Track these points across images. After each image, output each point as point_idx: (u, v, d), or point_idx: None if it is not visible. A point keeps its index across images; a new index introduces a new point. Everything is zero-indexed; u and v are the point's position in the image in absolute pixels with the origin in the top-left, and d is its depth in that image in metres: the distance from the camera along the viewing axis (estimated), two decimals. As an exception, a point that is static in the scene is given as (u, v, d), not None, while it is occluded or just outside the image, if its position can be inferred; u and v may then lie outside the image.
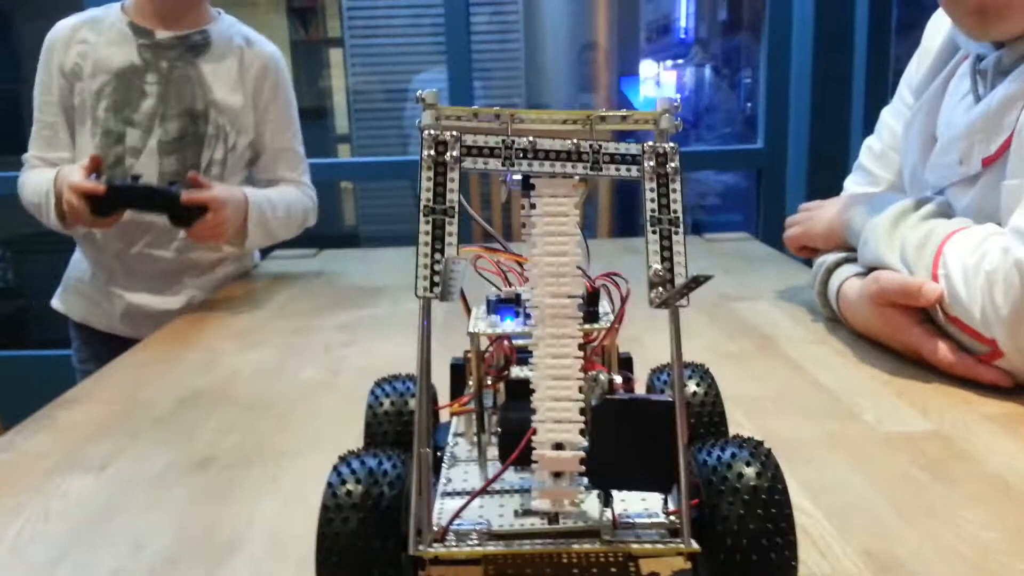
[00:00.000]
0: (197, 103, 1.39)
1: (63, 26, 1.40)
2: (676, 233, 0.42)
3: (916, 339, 0.83)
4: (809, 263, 1.10)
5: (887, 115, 1.13)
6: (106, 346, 1.43)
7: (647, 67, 5.23)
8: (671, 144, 0.43)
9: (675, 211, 0.42)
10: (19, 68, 3.07)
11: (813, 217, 1.06)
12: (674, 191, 0.42)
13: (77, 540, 0.57)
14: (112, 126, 1.36)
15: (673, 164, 0.42)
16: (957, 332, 0.79)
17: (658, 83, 5.48)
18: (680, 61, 5.70)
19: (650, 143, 0.43)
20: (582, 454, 0.41)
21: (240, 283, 1.43)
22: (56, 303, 1.51)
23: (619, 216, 3.58)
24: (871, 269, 0.89)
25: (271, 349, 1.01)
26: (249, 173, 1.49)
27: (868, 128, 1.18)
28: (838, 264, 0.97)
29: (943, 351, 0.80)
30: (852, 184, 1.14)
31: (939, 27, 1.05)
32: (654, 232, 0.42)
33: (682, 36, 5.58)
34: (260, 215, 1.36)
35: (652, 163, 0.42)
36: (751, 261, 1.40)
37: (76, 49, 1.37)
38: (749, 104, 4.67)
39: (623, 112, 0.44)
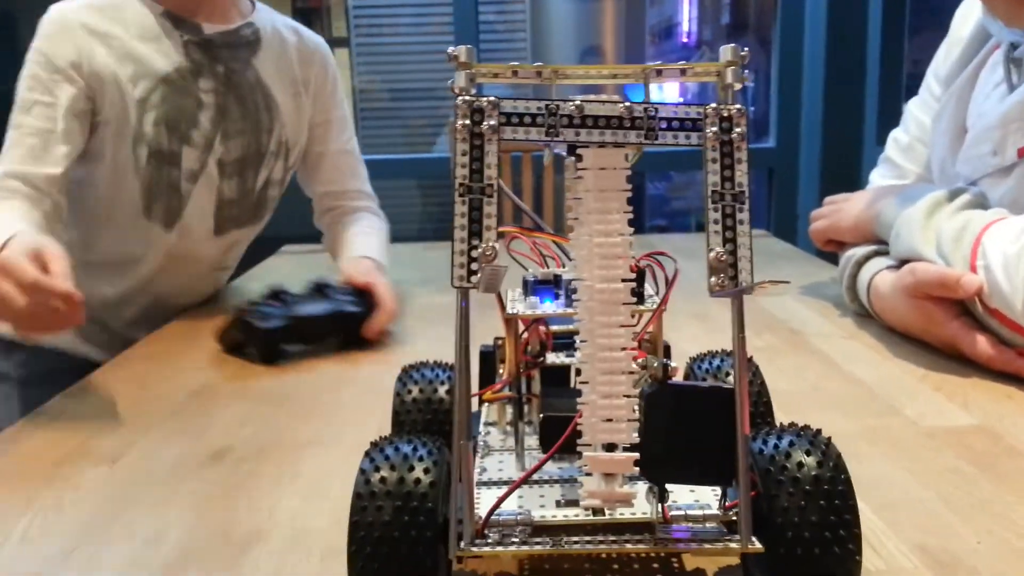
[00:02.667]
0: (262, 114, 1.13)
1: (70, 12, 1.03)
2: (741, 211, 0.38)
3: (954, 332, 0.80)
4: (832, 257, 1.08)
5: (913, 107, 1.10)
6: (56, 361, 1.14)
7: (652, 69, 5.21)
8: (737, 106, 0.38)
9: (740, 184, 0.38)
10: None
11: (840, 210, 1.03)
12: (739, 161, 0.38)
13: (90, 532, 0.55)
14: (165, 144, 1.07)
15: (739, 130, 0.38)
16: (997, 325, 0.76)
17: (660, 87, 5.46)
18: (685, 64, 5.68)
19: (712, 105, 0.38)
20: (635, 455, 0.38)
21: (252, 275, 1.41)
22: None
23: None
24: (903, 262, 0.87)
25: (284, 342, 0.99)
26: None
27: (882, 125, 1.16)
28: (868, 257, 0.95)
29: (982, 345, 0.77)
30: (878, 177, 1.12)
31: (968, 15, 1.03)
32: (715, 209, 0.38)
33: (685, 39, 5.57)
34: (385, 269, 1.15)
35: (715, 129, 0.38)
36: (771, 257, 1.37)
37: (99, 46, 1.03)
38: (753, 108, 4.65)
39: (682, 64, 0.40)
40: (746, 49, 0.38)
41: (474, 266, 0.38)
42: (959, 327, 0.80)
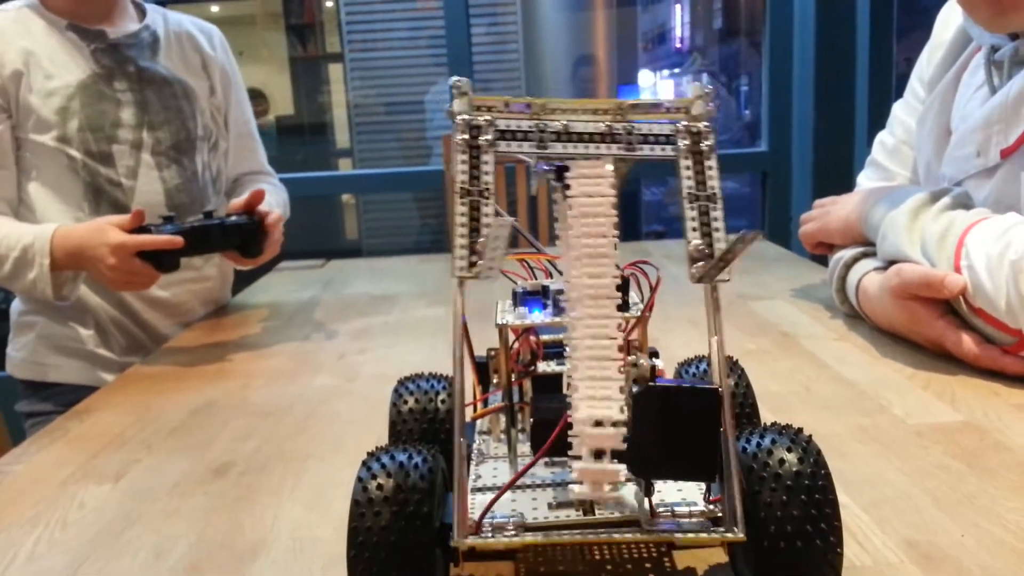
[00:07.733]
0: (181, 102, 1.23)
1: None
2: (715, 209, 0.42)
3: (940, 332, 0.81)
4: (824, 260, 1.09)
5: (899, 110, 1.12)
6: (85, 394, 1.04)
7: (645, 77, 5.24)
8: (704, 123, 0.43)
9: (712, 187, 0.42)
10: None
11: (828, 213, 1.05)
12: (710, 168, 0.42)
13: (96, 549, 0.56)
14: (93, 146, 1.15)
15: (708, 142, 0.43)
16: (981, 324, 0.78)
17: (655, 93, 5.49)
18: (677, 70, 5.72)
19: (683, 123, 0.43)
20: (623, 430, 0.40)
21: (248, 295, 1.42)
22: (23, 371, 1.24)
23: (622, 220, 3.58)
24: (891, 263, 0.88)
25: (284, 358, 1.00)
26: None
27: (872, 127, 1.17)
28: (856, 259, 0.96)
29: (968, 343, 0.79)
30: (865, 180, 1.13)
31: (950, 19, 1.04)
32: (692, 208, 0.42)
33: (678, 45, 5.61)
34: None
35: (687, 142, 0.43)
36: (763, 261, 1.39)
37: (14, 56, 1.12)
38: (747, 111, 4.68)
39: (654, 100, 0.44)
40: (710, 86, 0.43)
41: (474, 258, 0.42)
42: (945, 326, 0.81)
